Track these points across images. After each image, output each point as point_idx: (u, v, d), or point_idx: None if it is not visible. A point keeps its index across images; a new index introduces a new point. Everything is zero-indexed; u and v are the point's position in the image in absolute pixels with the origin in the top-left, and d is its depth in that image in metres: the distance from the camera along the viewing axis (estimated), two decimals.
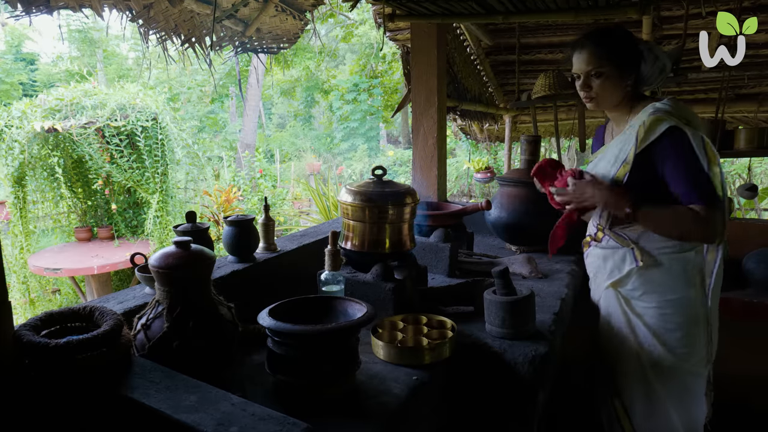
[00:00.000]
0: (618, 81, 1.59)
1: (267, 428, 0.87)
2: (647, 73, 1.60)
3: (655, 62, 1.58)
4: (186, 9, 2.35)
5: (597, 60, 1.59)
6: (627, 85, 1.60)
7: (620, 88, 1.60)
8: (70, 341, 0.94)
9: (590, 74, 1.61)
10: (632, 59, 1.60)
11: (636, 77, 1.61)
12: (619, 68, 1.59)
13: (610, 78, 1.59)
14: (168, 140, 5.20)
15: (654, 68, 1.59)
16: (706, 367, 1.64)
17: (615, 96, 1.62)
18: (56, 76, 15.52)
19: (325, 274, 1.54)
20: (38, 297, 4.93)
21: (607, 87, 1.60)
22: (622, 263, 1.64)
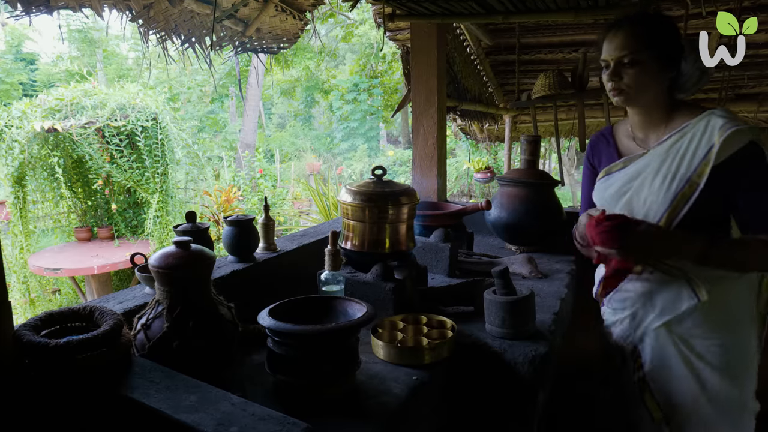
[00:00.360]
0: (656, 74, 1.35)
1: (267, 428, 0.87)
2: (687, 74, 1.35)
3: (696, 62, 1.34)
4: (186, 9, 2.35)
5: (634, 44, 1.33)
6: (665, 82, 1.37)
7: (657, 84, 1.36)
8: (70, 341, 0.94)
9: (623, 62, 1.35)
10: (675, 52, 1.35)
11: (674, 76, 1.37)
12: (660, 59, 1.34)
13: (647, 69, 1.33)
14: (168, 140, 5.21)
15: (695, 69, 1.34)
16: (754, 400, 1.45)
17: (649, 92, 1.37)
18: (56, 76, 15.52)
19: (325, 274, 1.54)
20: (38, 297, 4.93)
21: (643, 80, 1.34)
22: (677, 299, 1.38)
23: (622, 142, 1.52)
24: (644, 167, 1.39)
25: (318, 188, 6.25)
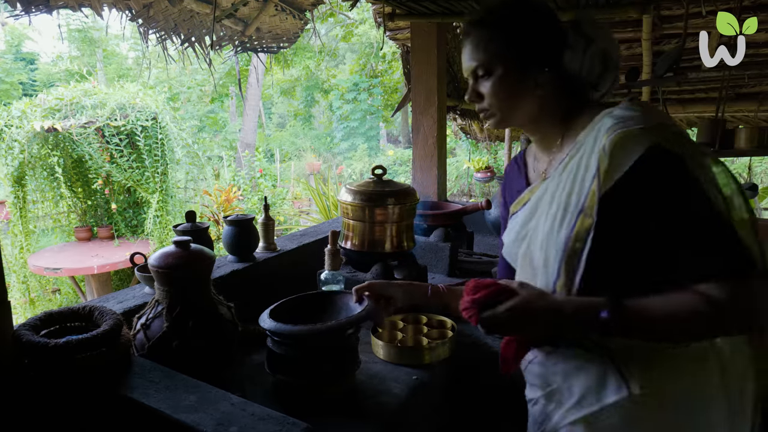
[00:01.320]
0: (519, 82, 0.98)
1: (267, 428, 0.87)
2: (578, 67, 0.95)
3: (588, 48, 0.94)
4: (186, 8, 2.35)
5: (483, 50, 0.99)
6: (545, 87, 0.98)
7: (530, 93, 0.99)
8: (69, 341, 0.94)
9: (478, 74, 1.01)
10: (546, 45, 0.97)
11: (559, 75, 0.98)
12: (522, 60, 0.97)
13: (506, 78, 0.98)
14: (168, 140, 5.21)
15: (588, 58, 0.94)
16: None
17: (524, 105, 1.00)
18: (56, 76, 15.52)
19: (325, 274, 1.54)
20: (38, 297, 4.93)
21: (503, 92, 0.99)
22: (600, 387, 0.91)
23: (531, 168, 1.13)
24: (538, 201, 1.01)
25: (318, 188, 6.25)
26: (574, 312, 0.87)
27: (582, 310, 0.86)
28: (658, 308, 0.84)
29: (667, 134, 0.86)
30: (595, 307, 0.84)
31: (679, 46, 2.62)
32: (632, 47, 3.15)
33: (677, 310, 0.83)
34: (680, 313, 0.83)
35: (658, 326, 0.84)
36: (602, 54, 0.95)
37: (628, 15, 2.43)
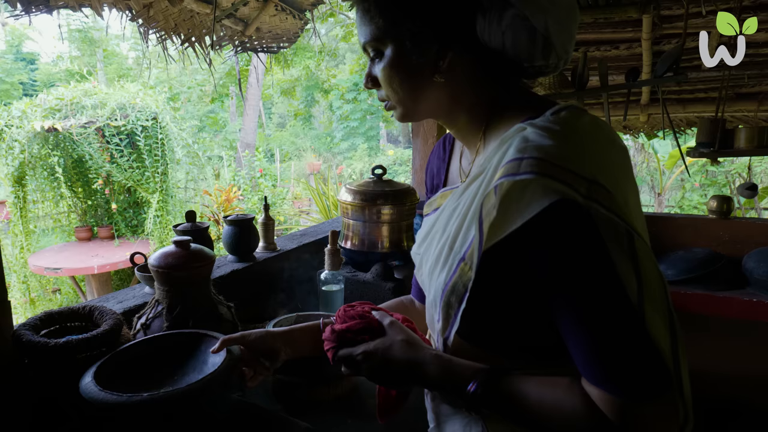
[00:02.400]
0: (416, 66, 0.75)
1: (267, 428, 0.87)
2: (496, 41, 0.70)
3: (504, 13, 0.69)
4: (186, 8, 2.35)
5: (366, 26, 0.77)
6: (443, 73, 0.74)
7: (428, 81, 0.75)
8: (69, 341, 0.94)
9: (370, 56, 0.80)
10: (443, 15, 0.72)
11: (472, 53, 0.74)
12: (413, 38, 0.73)
13: (396, 61, 0.75)
14: (168, 140, 5.21)
15: (508, 29, 0.69)
16: None
17: (426, 97, 0.77)
18: (56, 76, 15.53)
19: (325, 274, 1.54)
20: (38, 296, 4.94)
21: (397, 79, 0.76)
22: None
23: (457, 159, 0.92)
24: (437, 217, 0.82)
25: (318, 188, 6.25)
26: (440, 375, 0.74)
27: (449, 376, 0.73)
28: (534, 402, 0.68)
29: (575, 179, 0.62)
30: (465, 378, 0.71)
31: (679, 46, 2.61)
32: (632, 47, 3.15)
33: (553, 413, 0.66)
34: (555, 417, 0.66)
35: (527, 418, 0.69)
36: (525, 20, 0.68)
37: (628, 15, 2.43)
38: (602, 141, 0.68)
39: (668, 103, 3.90)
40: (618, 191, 0.64)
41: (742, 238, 2.47)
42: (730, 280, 2.29)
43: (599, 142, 0.68)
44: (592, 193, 0.62)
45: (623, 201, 0.64)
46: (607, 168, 0.65)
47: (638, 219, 0.66)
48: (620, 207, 0.63)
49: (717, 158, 3.11)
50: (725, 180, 7.76)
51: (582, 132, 0.67)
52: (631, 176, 0.70)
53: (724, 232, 2.48)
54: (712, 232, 2.49)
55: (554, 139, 0.64)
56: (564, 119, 0.68)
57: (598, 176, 0.63)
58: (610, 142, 0.69)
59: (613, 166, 0.67)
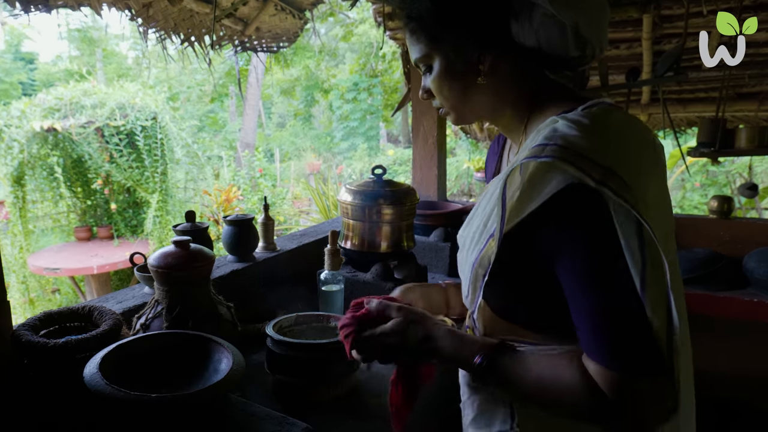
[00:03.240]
0: (460, 73, 0.82)
1: (266, 428, 0.87)
2: (531, 40, 0.76)
3: (533, 12, 0.74)
4: (185, 8, 2.34)
5: (415, 44, 0.86)
6: (484, 76, 0.80)
7: (472, 85, 0.82)
8: (68, 341, 0.94)
9: (422, 71, 0.89)
10: (476, 23, 0.79)
11: (510, 54, 0.79)
12: (453, 48, 0.81)
13: (443, 71, 0.83)
14: (167, 139, 5.21)
15: (540, 27, 0.75)
16: None
17: (474, 99, 0.84)
18: (55, 76, 15.51)
19: (324, 274, 1.54)
20: (38, 297, 4.93)
21: (446, 87, 0.84)
22: (491, 414, 0.87)
23: (507, 152, 0.98)
24: (477, 205, 0.89)
25: (318, 187, 6.25)
26: (452, 349, 0.80)
27: (460, 349, 0.79)
28: (534, 375, 0.72)
29: (593, 166, 0.66)
30: (473, 351, 0.77)
31: (680, 45, 2.61)
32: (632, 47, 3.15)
33: (551, 386, 0.71)
34: (553, 391, 0.71)
35: (527, 391, 0.74)
36: (553, 17, 0.73)
37: (628, 15, 2.42)
38: (630, 138, 0.73)
39: (668, 102, 3.90)
40: (639, 187, 0.67)
41: (743, 238, 2.47)
42: (730, 280, 2.28)
43: (626, 138, 0.72)
44: (605, 179, 0.65)
45: (641, 197, 0.66)
46: (629, 163, 0.68)
47: (657, 219, 0.68)
48: (636, 200, 0.65)
49: (717, 158, 3.10)
50: (726, 180, 7.76)
51: (610, 127, 0.72)
52: (660, 177, 0.74)
53: (724, 232, 2.48)
54: (713, 232, 2.49)
55: (580, 131, 0.69)
56: (594, 114, 0.72)
57: (617, 168, 0.66)
58: (640, 139, 0.73)
59: (638, 163, 0.70)
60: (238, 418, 0.91)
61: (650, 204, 0.67)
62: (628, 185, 0.65)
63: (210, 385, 0.83)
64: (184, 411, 0.81)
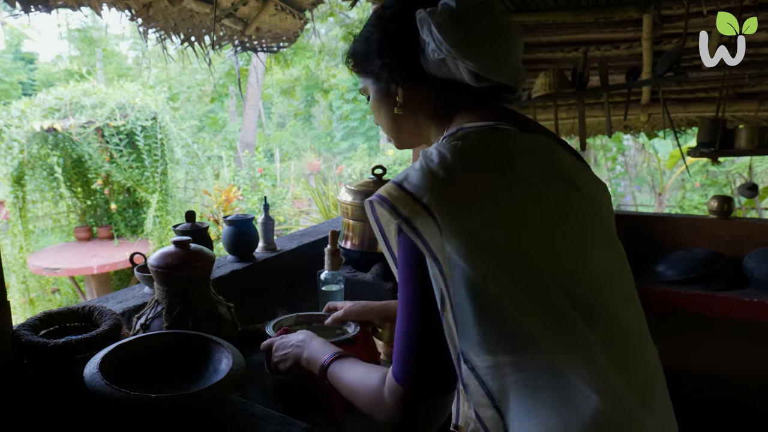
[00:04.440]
0: (384, 104, 0.89)
1: (266, 428, 0.87)
2: (442, 72, 0.78)
3: (435, 54, 0.76)
4: (185, 8, 2.34)
5: (356, 77, 0.93)
6: (402, 107, 0.85)
7: (393, 115, 0.88)
8: (69, 341, 0.94)
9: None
10: (388, 59, 0.83)
11: (424, 86, 0.82)
12: (375, 84, 0.88)
13: (373, 103, 0.91)
14: (167, 139, 5.21)
15: (442, 63, 0.77)
16: None
17: (402, 128, 0.90)
18: (55, 76, 15.51)
19: (324, 274, 1.54)
20: (37, 297, 4.94)
21: (376, 117, 0.93)
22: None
23: None
24: None
25: (318, 187, 6.25)
26: (315, 351, 0.97)
27: (320, 352, 0.96)
28: (353, 377, 0.86)
29: (404, 207, 0.70)
30: (325, 353, 0.94)
31: (680, 45, 2.61)
32: (632, 47, 3.15)
33: (361, 390, 0.83)
34: (362, 393, 0.83)
35: (345, 391, 0.87)
36: (455, 59, 0.75)
37: (628, 15, 2.43)
38: (462, 166, 0.72)
39: (668, 102, 3.90)
40: (459, 217, 0.68)
41: (743, 238, 2.47)
42: (730, 281, 2.28)
43: (456, 168, 0.71)
44: (412, 215, 0.69)
45: (460, 226, 0.67)
46: (449, 195, 0.69)
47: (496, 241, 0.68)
48: (451, 230, 0.67)
49: (717, 158, 3.10)
50: (726, 180, 7.76)
51: (446, 158, 0.72)
52: (512, 193, 0.71)
53: (724, 233, 2.48)
54: (713, 232, 2.49)
55: (421, 163, 0.73)
56: (441, 146, 0.75)
57: (432, 200, 0.68)
58: (476, 165, 0.72)
59: (464, 193, 0.70)
60: (238, 418, 0.91)
61: (484, 226, 0.68)
62: (435, 219, 0.67)
63: (210, 385, 0.83)
64: (184, 411, 0.81)
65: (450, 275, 0.67)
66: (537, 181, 0.72)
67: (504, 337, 0.67)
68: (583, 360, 0.66)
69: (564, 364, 0.66)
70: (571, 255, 0.72)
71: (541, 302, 0.68)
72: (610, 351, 0.68)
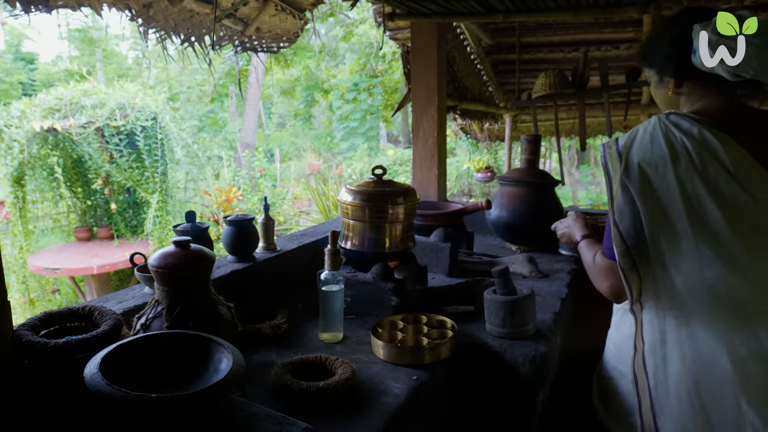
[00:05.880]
0: (658, 87, 1.32)
1: (266, 428, 0.87)
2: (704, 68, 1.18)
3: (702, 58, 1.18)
4: (186, 8, 2.34)
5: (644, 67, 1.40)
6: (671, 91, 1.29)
7: (664, 96, 1.30)
8: (69, 341, 0.94)
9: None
10: (666, 60, 1.27)
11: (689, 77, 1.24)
12: (655, 72, 1.32)
13: (652, 86, 1.35)
14: (168, 140, 5.21)
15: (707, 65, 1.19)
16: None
17: (665, 104, 1.33)
18: (55, 76, 15.51)
19: (325, 274, 1.54)
20: (38, 297, 4.93)
21: (657, 94, 1.34)
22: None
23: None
24: None
25: (318, 188, 6.25)
26: (575, 223, 1.50)
27: (576, 223, 1.50)
28: (588, 256, 1.33)
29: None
30: (580, 227, 1.47)
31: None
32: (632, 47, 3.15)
33: (589, 262, 1.31)
34: (589, 264, 1.31)
35: (583, 261, 1.37)
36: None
37: (628, 15, 2.43)
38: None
39: None
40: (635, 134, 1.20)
41: None
42: None
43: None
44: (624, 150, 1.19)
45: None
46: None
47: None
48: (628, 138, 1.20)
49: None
50: None
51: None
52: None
53: None
54: None
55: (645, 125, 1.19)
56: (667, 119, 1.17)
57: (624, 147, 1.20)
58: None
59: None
60: (239, 418, 0.91)
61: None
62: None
63: (210, 385, 0.83)
64: (185, 411, 0.81)
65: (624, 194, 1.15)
66: (696, 157, 1.07)
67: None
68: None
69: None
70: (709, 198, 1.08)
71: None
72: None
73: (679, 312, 1.10)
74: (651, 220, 1.08)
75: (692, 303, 1.08)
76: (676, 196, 1.06)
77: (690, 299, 1.08)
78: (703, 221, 1.05)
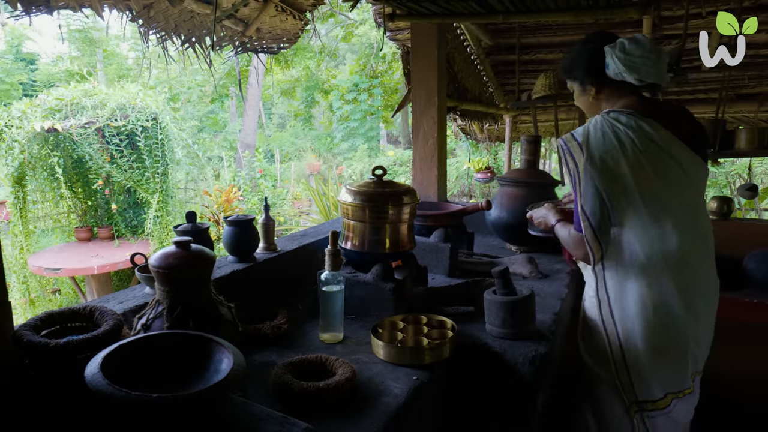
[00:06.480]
0: (581, 94, 1.65)
1: (267, 428, 0.87)
2: (618, 76, 1.53)
3: (613, 67, 1.53)
4: (186, 9, 2.35)
5: (564, 77, 1.76)
6: (591, 97, 1.62)
7: (587, 102, 1.64)
8: (70, 341, 0.94)
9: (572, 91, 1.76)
10: (585, 70, 1.62)
11: (606, 83, 1.58)
12: (578, 81, 1.65)
13: (575, 94, 1.70)
14: (168, 140, 5.21)
15: (619, 72, 1.51)
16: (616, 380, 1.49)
17: (588, 109, 1.66)
18: (56, 76, 15.51)
19: (325, 274, 1.54)
20: (38, 297, 4.93)
21: (581, 101, 1.68)
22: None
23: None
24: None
25: (318, 188, 6.26)
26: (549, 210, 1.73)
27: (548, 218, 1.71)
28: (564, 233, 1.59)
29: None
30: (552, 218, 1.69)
31: (680, 46, 2.61)
32: None
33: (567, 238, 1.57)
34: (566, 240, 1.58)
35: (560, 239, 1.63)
36: (626, 70, 1.49)
37: (628, 15, 2.43)
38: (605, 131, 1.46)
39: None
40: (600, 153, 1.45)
41: (743, 239, 2.47)
42: (730, 281, 2.28)
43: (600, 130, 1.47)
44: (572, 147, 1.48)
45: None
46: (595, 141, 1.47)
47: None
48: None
49: (717, 159, 3.10)
50: (725, 181, 7.76)
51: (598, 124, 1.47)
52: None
53: (724, 233, 2.48)
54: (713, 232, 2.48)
55: (587, 125, 1.48)
56: (603, 117, 1.48)
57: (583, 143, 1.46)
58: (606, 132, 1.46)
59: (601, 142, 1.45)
60: (239, 418, 0.91)
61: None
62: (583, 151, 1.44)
63: (211, 386, 0.83)
64: (185, 411, 0.82)
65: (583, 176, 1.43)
66: (640, 144, 1.40)
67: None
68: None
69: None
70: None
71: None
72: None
73: (638, 269, 1.41)
74: (612, 197, 1.39)
75: (647, 260, 1.40)
76: (629, 176, 1.38)
77: (645, 257, 1.40)
78: (651, 193, 1.39)
